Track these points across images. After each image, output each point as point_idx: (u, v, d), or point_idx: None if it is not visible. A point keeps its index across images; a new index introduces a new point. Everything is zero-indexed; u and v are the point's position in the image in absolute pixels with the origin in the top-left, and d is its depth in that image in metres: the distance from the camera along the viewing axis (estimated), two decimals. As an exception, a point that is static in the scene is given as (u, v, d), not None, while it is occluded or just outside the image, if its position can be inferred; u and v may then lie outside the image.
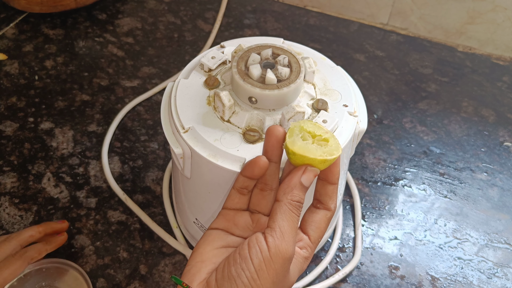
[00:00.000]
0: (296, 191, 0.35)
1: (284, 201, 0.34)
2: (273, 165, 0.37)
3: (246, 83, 0.41)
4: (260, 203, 0.38)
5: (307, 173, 0.35)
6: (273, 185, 0.38)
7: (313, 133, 0.35)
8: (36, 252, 0.48)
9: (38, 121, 0.67)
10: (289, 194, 0.34)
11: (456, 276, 0.54)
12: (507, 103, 0.74)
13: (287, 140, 0.35)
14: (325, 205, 0.37)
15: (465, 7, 0.78)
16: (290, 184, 0.35)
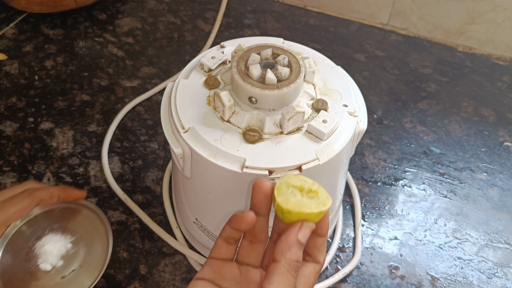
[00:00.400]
0: (294, 249, 0.33)
1: (282, 262, 0.33)
2: (261, 219, 0.36)
3: (246, 83, 0.41)
4: (249, 255, 0.37)
5: (304, 229, 0.34)
6: (262, 237, 0.36)
7: (301, 187, 0.35)
8: (47, 195, 0.44)
9: (38, 121, 0.67)
10: (287, 253, 0.33)
11: (456, 276, 0.54)
12: (507, 103, 0.74)
13: (278, 199, 0.34)
14: (314, 258, 0.36)
15: (465, 7, 0.78)
16: (287, 243, 0.33)
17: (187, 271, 0.53)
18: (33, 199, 0.42)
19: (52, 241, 0.45)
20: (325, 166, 0.41)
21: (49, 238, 0.45)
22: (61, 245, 0.45)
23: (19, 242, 0.45)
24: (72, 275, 0.44)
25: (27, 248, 0.45)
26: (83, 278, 0.44)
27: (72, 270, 0.44)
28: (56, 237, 0.45)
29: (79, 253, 0.45)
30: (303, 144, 0.41)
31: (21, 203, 0.41)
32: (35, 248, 0.45)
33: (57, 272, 0.44)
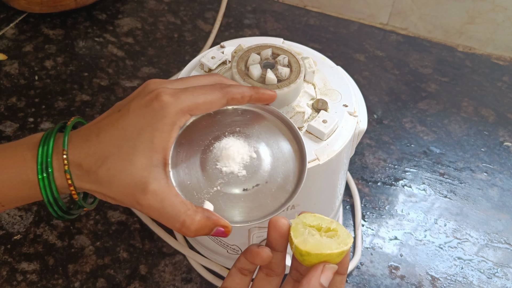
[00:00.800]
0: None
1: None
2: (278, 254, 0.35)
3: (247, 83, 0.41)
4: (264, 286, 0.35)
5: (326, 272, 0.32)
6: (278, 271, 0.35)
7: (318, 226, 0.33)
8: (239, 93, 0.37)
9: (38, 121, 0.67)
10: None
11: (456, 276, 0.54)
12: (507, 103, 0.74)
13: (296, 241, 0.32)
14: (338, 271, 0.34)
15: (465, 7, 0.78)
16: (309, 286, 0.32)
17: (187, 271, 0.53)
18: (224, 95, 0.36)
19: (235, 145, 0.37)
20: (325, 166, 0.41)
21: (231, 141, 0.38)
22: (243, 151, 0.37)
23: (194, 137, 0.38)
24: (255, 191, 0.36)
25: (203, 147, 0.38)
26: (267, 199, 0.36)
27: (256, 184, 0.36)
28: (238, 141, 0.38)
29: (264, 167, 0.37)
30: (303, 144, 0.41)
31: (212, 94, 0.36)
32: (214, 148, 0.37)
33: (238, 182, 0.36)
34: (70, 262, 0.53)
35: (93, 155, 0.33)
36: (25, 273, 0.52)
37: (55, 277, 0.52)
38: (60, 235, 0.55)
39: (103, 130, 0.34)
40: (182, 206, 0.33)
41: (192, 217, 0.33)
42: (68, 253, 0.54)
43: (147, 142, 0.33)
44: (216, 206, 0.35)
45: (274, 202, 0.36)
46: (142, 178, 0.32)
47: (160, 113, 0.33)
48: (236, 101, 0.37)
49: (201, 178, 0.36)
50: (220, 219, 0.33)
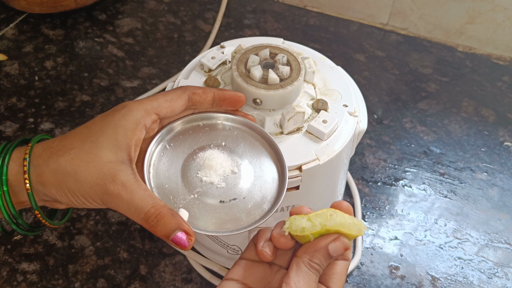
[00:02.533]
0: (318, 254, 0.32)
1: (302, 259, 0.32)
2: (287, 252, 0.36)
3: (250, 85, 0.41)
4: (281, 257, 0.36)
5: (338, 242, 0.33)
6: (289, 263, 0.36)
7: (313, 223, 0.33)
8: (199, 88, 0.39)
9: (38, 122, 0.67)
10: (310, 254, 0.32)
11: (457, 276, 0.54)
12: (507, 103, 0.74)
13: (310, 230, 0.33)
14: (344, 255, 0.35)
15: (465, 7, 0.78)
16: (315, 247, 0.33)
17: (187, 271, 0.53)
18: (184, 90, 0.38)
19: (218, 158, 0.38)
20: (325, 166, 0.41)
21: (215, 153, 0.39)
22: (225, 165, 0.38)
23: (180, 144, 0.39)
24: (231, 204, 0.37)
25: (187, 155, 0.38)
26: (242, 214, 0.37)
27: (233, 198, 0.37)
28: (222, 155, 0.39)
29: (244, 183, 0.38)
30: (303, 144, 0.41)
31: (173, 93, 0.37)
32: (197, 157, 0.38)
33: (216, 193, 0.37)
34: (70, 263, 0.53)
35: (55, 147, 0.34)
36: (25, 274, 0.52)
37: (55, 278, 0.52)
38: (60, 236, 0.55)
39: (68, 133, 0.36)
40: (150, 199, 0.33)
41: (158, 209, 0.33)
42: (68, 253, 0.54)
43: (110, 138, 0.34)
44: (190, 213, 0.35)
45: (248, 218, 0.36)
46: (110, 169, 0.33)
47: (122, 112, 0.35)
48: (199, 96, 0.38)
49: (180, 184, 0.37)
50: (186, 223, 0.33)
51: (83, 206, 0.35)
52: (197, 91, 0.38)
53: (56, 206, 0.37)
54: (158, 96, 0.36)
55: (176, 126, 0.39)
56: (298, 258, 0.32)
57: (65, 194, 0.34)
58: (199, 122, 0.40)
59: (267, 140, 0.40)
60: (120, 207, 0.33)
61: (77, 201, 0.34)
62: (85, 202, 0.34)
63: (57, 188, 0.34)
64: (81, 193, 0.33)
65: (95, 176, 0.33)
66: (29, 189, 0.34)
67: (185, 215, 0.34)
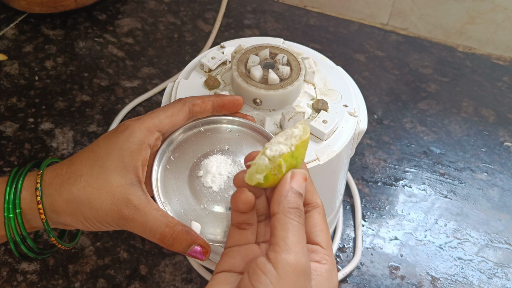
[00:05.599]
0: (290, 197, 0.31)
1: (280, 212, 0.30)
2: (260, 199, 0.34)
3: (250, 85, 0.41)
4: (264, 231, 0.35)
5: (296, 176, 0.31)
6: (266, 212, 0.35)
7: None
8: (198, 99, 0.38)
9: (38, 122, 0.67)
10: (284, 201, 0.30)
11: (457, 276, 0.54)
12: (507, 103, 0.74)
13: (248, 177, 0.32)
14: (312, 203, 0.33)
15: (465, 7, 0.78)
16: (282, 193, 0.31)
17: (187, 271, 0.53)
18: (183, 103, 0.37)
19: (222, 163, 0.38)
20: (325, 166, 0.41)
21: (219, 159, 0.38)
22: (231, 170, 0.38)
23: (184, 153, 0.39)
24: None
25: (192, 164, 0.38)
26: None
27: None
28: (226, 160, 0.38)
29: None
30: (303, 144, 0.41)
31: (172, 107, 0.37)
32: (202, 166, 0.38)
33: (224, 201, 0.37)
34: (70, 263, 0.53)
35: (64, 174, 0.34)
36: (25, 274, 0.52)
37: (55, 278, 0.52)
38: (60, 236, 0.55)
39: (75, 155, 0.36)
40: (164, 219, 0.34)
41: (172, 228, 0.33)
42: (68, 253, 0.54)
43: (117, 161, 0.34)
44: (202, 224, 0.36)
45: None
46: (122, 193, 0.33)
47: (125, 134, 0.35)
48: (199, 107, 0.38)
49: (188, 195, 0.37)
50: (200, 238, 0.34)
51: (99, 230, 0.35)
52: (196, 101, 0.38)
53: (68, 228, 0.37)
54: (158, 113, 0.36)
55: (178, 135, 0.39)
56: (274, 214, 0.30)
57: (80, 221, 0.34)
58: (200, 128, 0.40)
59: (268, 139, 0.39)
60: (136, 229, 0.34)
61: (93, 227, 0.35)
62: (101, 227, 0.35)
63: (72, 216, 0.34)
64: (97, 219, 0.34)
65: (109, 202, 0.33)
66: (44, 219, 0.34)
67: (197, 228, 0.35)
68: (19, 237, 0.34)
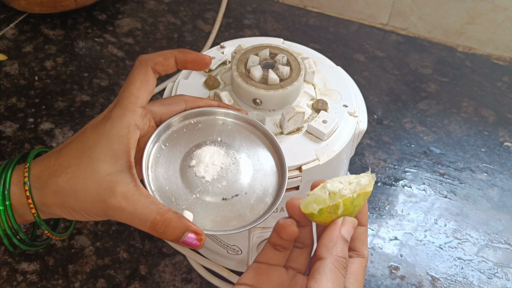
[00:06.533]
0: (339, 245, 0.31)
1: (329, 259, 0.30)
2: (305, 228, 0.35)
3: (250, 85, 0.41)
4: (296, 259, 0.35)
5: (346, 225, 0.32)
6: (308, 242, 0.35)
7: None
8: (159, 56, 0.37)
9: (38, 122, 0.67)
10: (333, 248, 0.30)
11: (456, 276, 0.54)
12: (507, 103, 0.74)
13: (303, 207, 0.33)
14: (359, 252, 0.33)
15: (465, 7, 0.78)
16: (332, 238, 0.31)
17: (187, 271, 0.53)
18: (145, 65, 0.36)
19: (215, 154, 0.38)
20: (325, 166, 0.41)
21: (212, 150, 0.38)
22: (224, 161, 0.38)
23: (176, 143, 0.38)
24: (234, 201, 0.36)
25: (184, 153, 0.38)
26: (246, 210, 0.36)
27: (235, 194, 0.36)
28: (220, 151, 0.38)
29: (244, 178, 0.37)
30: (303, 144, 0.41)
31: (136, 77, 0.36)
32: (194, 156, 0.37)
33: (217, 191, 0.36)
34: (70, 263, 0.53)
35: (52, 166, 0.33)
36: (25, 274, 0.52)
37: (55, 278, 0.52)
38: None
39: (63, 147, 0.35)
40: (154, 206, 0.32)
41: (163, 214, 0.32)
42: (68, 253, 0.54)
43: (106, 149, 0.33)
44: (194, 214, 0.35)
45: (252, 214, 0.36)
46: (109, 182, 0.32)
47: (110, 121, 0.34)
48: (161, 65, 0.37)
49: (180, 185, 0.36)
50: (193, 224, 0.32)
51: (89, 220, 0.34)
52: (157, 59, 0.36)
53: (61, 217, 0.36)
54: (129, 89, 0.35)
55: (170, 125, 0.39)
56: (322, 260, 0.30)
57: (69, 212, 0.34)
58: (191, 120, 0.39)
59: (262, 132, 0.39)
60: (124, 219, 0.32)
61: (82, 217, 0.34)
62: (90, 218, 0.34)
63: (61, 208, 0.34)
64: (84, 211, 0.33)
65: (95, 193, 0.32)
66: (35, 213, 0.34)
67: (189, 216, 0.34)
68: (10, 230, 0.34)
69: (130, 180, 0.33)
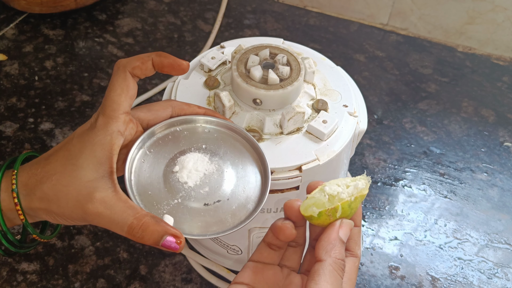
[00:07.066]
0: (338, 247, 0.32)
1: (328, 261, 0.31)
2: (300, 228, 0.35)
3: (250, 85, 0.41)
4: (290, 258, 0.36)
5: (344, 227, 0.33)
6: (301, 241, 0.36)
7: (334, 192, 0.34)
8: (137, 60, 0.38)
9: (38, 122, 0.67)
10: (332, 251, 0.31)
11: (457, 277, 0.54)
12: (507, 103, 0.74)
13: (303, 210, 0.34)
14: (352, 251, 0.34)
15: (465, 7, 0.78)
16: (330, 241, 0.32)
17: (187, 271, 0.53)
18: (123, 70, 0.37)
19: (199, 161, 0.38)
20: (325, 166, 0.41)
21: (197, 156, 0.39)
22: (207, 168, 0.38)
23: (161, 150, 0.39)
24: (215, 206, 0.37)
25: (168, 160, 0.38)
26: (227, 215, 0.37)
27: (217, 200, 0.37)
28: (204, 158, 0.39)
29: (227, 185, 0.38)
30: (303, 144, 0.41)
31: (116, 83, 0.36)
32: (178, 162, 0.38)
33: (200, 196, 0.37)
34: (70, 263, 0.53)
35: (39, 174, 0.34)
36: (25, 274, 0.52)
37: (55, 278, 0.52)
38: (60, 236, 0.55)
39: (51, 154, 0.36)
40: (131, 210, 0.33)
41: (140, 219, 0.32)
42: (68, 253, 0.54)
43: (90, 157, 0.34)
44: (175, 218, 0.35)
45: (233, 219, 0.36)
46: (89, 188, 0.33)
47: (95, 129, 0.35)
48: (139, 69, 0.37)
49: (162, 189, 0.37)
50: (172, 228, 0.33)
51: (72, 224, 0.36)
52: (135, 64, 0.37)
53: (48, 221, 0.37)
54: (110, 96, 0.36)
55: (155, 132, 0.39)
56: (321, 262, 0.31)
57: (53, 217, 0.35)
58: (177, 127, 0.40)
59: (247, 140, 0.40)
60: (103, 224, 0.33)
61: (65, 222, 0.35)
62: (72, 223, 0.35)
63: (46, 213, 0.35)
64: (66, 216, 0.34)
65: (74, 199, 0.33)
66: (23, 219, 0.35)
67: (170, 220, 0.34)
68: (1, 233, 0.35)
69: (110, 185, 0.33)
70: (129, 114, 0.37)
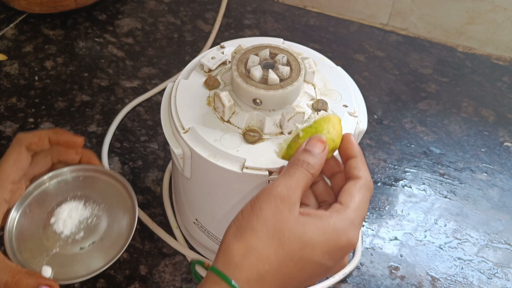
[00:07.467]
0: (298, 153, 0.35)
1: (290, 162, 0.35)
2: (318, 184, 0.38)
3: (250, 85, 0.41)
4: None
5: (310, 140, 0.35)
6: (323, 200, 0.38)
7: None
8: (35, 137, 0.42)
9: (38, 122, 0.67)
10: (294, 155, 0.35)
11: (456, 277, 0.54)
12: (507, 103, 0.74)
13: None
14: (352, 175, 0.35)
15: (465, 7, 0.78)
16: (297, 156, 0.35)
17: (187, 271, 0.53)
18: (20, 145, 0.41)
19: (73, 209, 0.43)
20: (325, 166, 0.41)
21: (71, 205, 0.44)
22: (82, 214, 0.43)
23: (39, 205, 0.44)
24: (91, 248, 0.42)
25: (46, 213, 0.43)
26: (102, 253, 0.41)
27: (92, 242, 0.42)
28: (78, 205, 0.44)
29: (101, 226, 0.43)
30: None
31: (10, 156, 0.40)
32: (55, 214, 0.43)
33: (76, 242, 0.42)
34: (70, 263, 0.53)
35: None
36: (25, 274, 0.52)
37: (55, 278, 0.52)
38: None
39: None
40: (7, 268, 0.37)
41: (14, 276, 0.37)
42: (68, 253, 0.54)
43: None
44: (56, 267, 0.40)
45: (107, 256, 0.41)
46: None
47: None
48: (36, 145, 0.42)
49: (42, 242, 0.42)
50: (45, 278, 0.38)
51: None
52: (32, 140, 0.42)
53: None
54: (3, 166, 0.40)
55: (31, 191, 0.44)
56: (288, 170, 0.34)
57: None
58: (46, 184, 0.45)
59: (118, 180, 0.45)
60: None
61: None
62: None
63: None
64: None
65: None
66: None
67: (47, 271, 0.39)
68: None
69: None
70: (18, 183, 0.41)
